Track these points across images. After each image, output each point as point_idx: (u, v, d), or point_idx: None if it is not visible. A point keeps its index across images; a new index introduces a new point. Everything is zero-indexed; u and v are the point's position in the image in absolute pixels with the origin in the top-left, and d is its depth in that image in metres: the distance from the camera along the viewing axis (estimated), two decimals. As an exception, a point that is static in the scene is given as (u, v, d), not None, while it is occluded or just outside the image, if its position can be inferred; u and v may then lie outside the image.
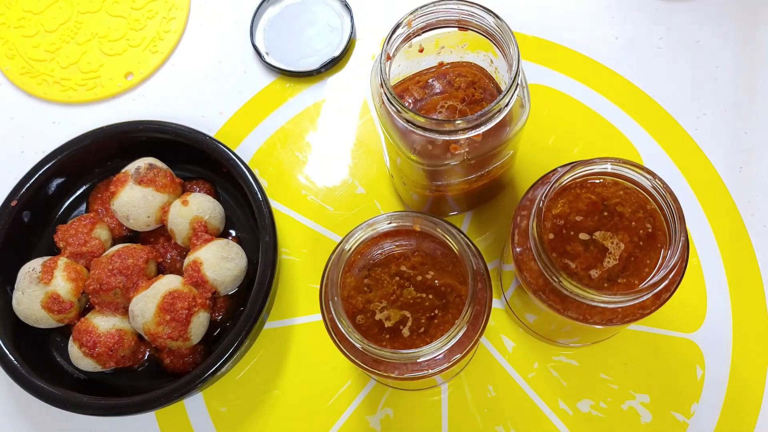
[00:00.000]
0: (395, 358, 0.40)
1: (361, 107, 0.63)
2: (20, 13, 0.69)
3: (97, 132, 0.58)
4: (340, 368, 0.55)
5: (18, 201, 0.56)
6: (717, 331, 0.54)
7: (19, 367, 0.51)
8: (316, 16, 0.66)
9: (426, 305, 0.44)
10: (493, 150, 0.46)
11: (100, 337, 0.51)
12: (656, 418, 0.52)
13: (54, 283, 0.52)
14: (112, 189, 0.55)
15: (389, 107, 0.44)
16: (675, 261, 0.40)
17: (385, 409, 0.53)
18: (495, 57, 0.49)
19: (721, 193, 0.58)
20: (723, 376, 0.53)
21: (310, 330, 0.56)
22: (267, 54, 0.65)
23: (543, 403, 0.53)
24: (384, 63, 0.45)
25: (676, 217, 0.41)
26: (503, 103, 0.42)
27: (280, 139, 0.63)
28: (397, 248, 0.45)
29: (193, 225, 0.54)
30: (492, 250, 0.58)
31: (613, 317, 0.42)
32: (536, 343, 0.54)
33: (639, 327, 0.54)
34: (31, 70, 0.67)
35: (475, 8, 0.45)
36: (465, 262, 0.42)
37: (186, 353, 0.53)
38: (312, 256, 0.58)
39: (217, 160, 0.56)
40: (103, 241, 0.55)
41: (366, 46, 0.66)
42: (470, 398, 0.53)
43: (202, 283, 0.52)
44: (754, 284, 0.55)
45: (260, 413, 0.54)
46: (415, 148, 0.46)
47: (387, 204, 0.60)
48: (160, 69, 0.67)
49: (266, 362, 0.55)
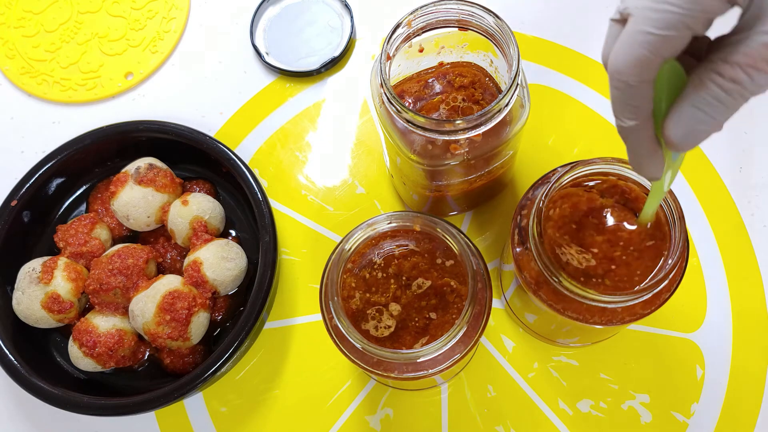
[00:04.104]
0: (395, 358, 0.40)
1: (361, 107, 0.63)
2: (20, 13, 0.69)
3: (97, 132, 0.58)
4: (340, 368, 0.55)
5: (18, 201, 0.56)
6: (717, 331, 0.54)
7: (19, 367, 0.51)
8: (316, 16, 0.66)
9: (426, 305, 0.44)
10: (493, 150, 0.46)
11: (100, 337, 0.51)
12: (656, 418, 0.52)
13: (54, 283, 0.52)
14: (112, 189, 0.55)
15: (389, 107, 0.44)
16: (675, 261, 0.40)
17: (385, 409, 0.53)
18: (495, 57, 0.49)
19: (721, 193, 0.58)
20: (723, 376, 0.53)
21: (310, 330, 0.56)
22: (267, 54, 0.65)
23: (543, 403, 0.53)
24: (384, 63, 0.45)
25: (676, 217, 0.41)
26: (503, 103, 0.42)
27: (280, 139, 0.63)
28: (397, 248, 0.45)
29: (193, 225, 0.54)
30: (492, 250, 0.58)
31: (613, 317, 0.42)
32: (536, 343, 0.54)
33: (639, 327, 0.54)
34: (31, 70, 0.67)
35: (475, 8, 0.45)
36: (465, 262, 0.42)
37: (186, 353, 0.53)
38: (312, 256, 0.58)
39: (217, 160, 0.56)
40: (103, 241, 0.55)
41: (366, 46, 0.66)
42: (470, 398, 0.53)
43: (202, 283, 0.52)
44: (754, 284, 0.55)
45: (260, 413, 0.54)
46: (415, 148, 0.46)
47: (387, 204, 0.60)
48: (160, 69, 0.67)
49: (266, 362, 0.55)
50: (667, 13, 0.27)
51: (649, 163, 0.33)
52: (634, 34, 0.28)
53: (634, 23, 0.28)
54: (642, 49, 0.28)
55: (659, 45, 0.27)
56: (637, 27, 0.28)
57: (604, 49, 0.31)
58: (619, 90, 0.30)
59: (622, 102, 0.30)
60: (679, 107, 0.29)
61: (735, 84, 0.27)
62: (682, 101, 0.29)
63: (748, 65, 0.27)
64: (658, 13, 0.27)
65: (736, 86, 0.27)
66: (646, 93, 0.30)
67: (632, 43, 0.28)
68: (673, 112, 0.30)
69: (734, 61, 0.27)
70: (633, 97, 0.30)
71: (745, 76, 0.27)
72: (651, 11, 0.27)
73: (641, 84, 0.29)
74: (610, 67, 0.30)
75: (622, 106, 0.31)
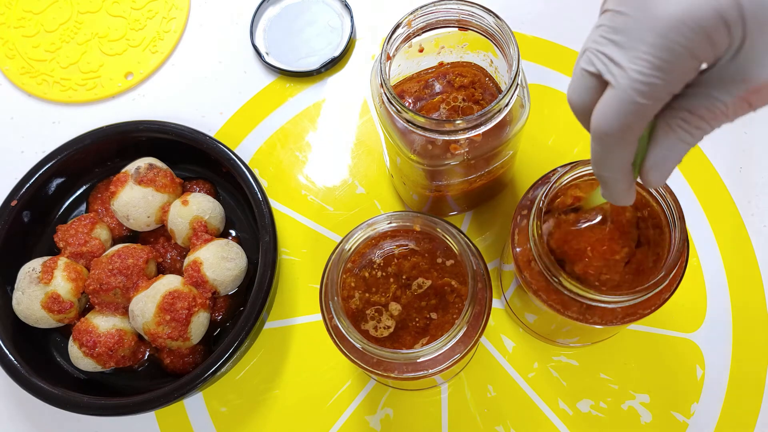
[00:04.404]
0: (395, 358, 0.40)
1: (361, 107, 0.63)
2: (20, 13, 0.69)
3: (97, 132, 0.58)
4: (340, 368, 0.55)
5: (18, 201, 0.55)
6: (717, 331, 0.54)
7: (19, 367, 0.51)
8: (316, 16, 0.66)
9: (426, 305, 0.44)
10: (493, 150, 0.46)
11: (100, 337, 0.51)
12: (656, 418, 0.52)
13: (54, 283, 0.52)
14: (112, 189, 0.55)
15: (389, 107, 0.44)
16: (675, 261, 0.40)
17: (385, 409, 0.53)
18: (495, 57, 0.49)
19: (721, 193, 0.58)
20: (723, 376, 0.53)
21: (310, 330, 0.56)
22: (267, 54, 0.65)
23: (543, 403, 0.53)
24: (384, 63, 0.45)
25: (676, 217, 0.41)
26: (503, 103, 0.42)
27: (280, 139, 0.63)
28: (397, 248, 0.45)
29: (193, 225, 0.54)
30: (492, 250, 0.58)
31: (613, 317, 0.42)
32: (536, 343, 0.54)
33: (639, 327, 0.54)
34: (31, 70, 0.67)
35: (475, 8, 0.45)
36: (465, 262, 0.42)
37: (186, 353, 0.53)
38: (312, 256, 0.58)
39: (217, 160, 0.56)
40: (103, 241, 0.55)
41: (366, 46, 0.66)
42: (470, 398, 0.53)
43: (202, 283, 0.52)
44: (754, 284, 0.55)
45: (260, 413, 0.54)
46: (415, 148, 0.46)
47: (387, 204, 0.60)
48: (160, 69, 0.67)
49: (266, 362, 0.55)
50: (655, 86, 0.29)
51: (626, 197, 0.35)
52: (624, 103, 0.29)
53: (622, 92, 0.29)
54: (632, 116, 0.30)
55: (646, 110, 0.29)
56: (626, 96, 0.29)
57: (571, 94, 0.33)
58: (604, 148, 0.32)
59: (605, 158, 0.32)
60: (655, 156, 0.32)
61: (699, 131, 0.31)
62: (657, 149, 0.32)
63: (711, 118, 0.30)
64: (647, 86, 0.29)
65: (699, 132, 0.31)
66: (630, 151, 0.32)
67: (621, 110, 0.30)
68: (651, 161, 0.32)
69: (699, 114, 0.30)
70: (617, 156, 0.32)
71: (708, 125, 0.30)
72: (639, 84, 0.29)
73: (627, 144, 0.31)
74: (596, 130, 0.31)
75: (604, 162, 0.33)
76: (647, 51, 0.28)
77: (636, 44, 0.29)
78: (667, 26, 0.28)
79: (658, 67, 0.28)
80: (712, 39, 0.27)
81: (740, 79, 0.28)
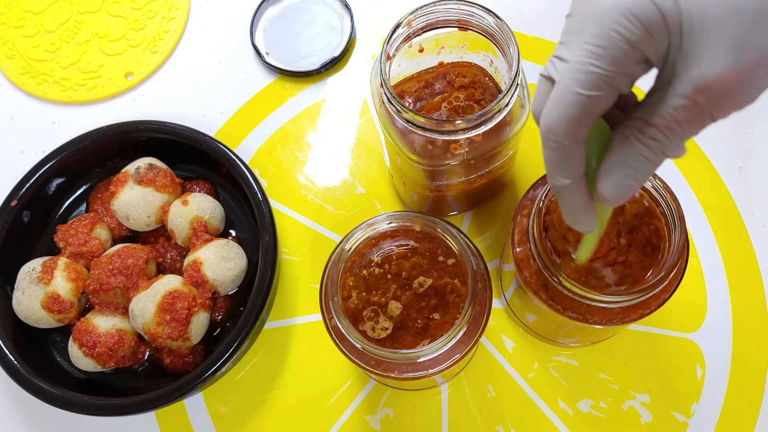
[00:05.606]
0: (395, 358, 0.40)
1: (361, 107, 0.63)
2: (20, 13, 0.69)
3: (97, 132, 0.58)
4: (340, 368, 0.55)
5: (18, 201, 0.56)
6: (717, 331, 0.54)
7: (19, 367, 0.51)
8: (316, 16, 0.66)
9: (426, 305, 0.44)
10: (493, 150, 0.46)
11: (100, 337, 0.51)
12: (656, 418, 0.52)
13: (54, 283, 0.52)
14: (112, 189, 0.55)
15: (389, 107, 0.44)
16: (675, 261, 0.40)
17: (385, 409, 0.53)
18: (495, 57, 0.49)
19: (721, 193, 0.58)
20: (723, 376, 0.53)
21: (310, 330, 0.56)
22: (267, 54, 0.65)
23: (543, 403, 0.53)
24: (384, 63, 0.45)
25: (676, 217, 0.41)
26: (503, 103, 0.42)
27: (280, 139, 0.63)
28: (397, 248, 0.45)
29: (193, 225, 0.54)
30: (492, 250, 0.58)
31: (613, 317, 0.42)
32: (536, 343, 0.54)
33: (639, 327, 0.54)
34: (31, 70, 0.67)
35: (475, 8, 0.45)
36: (465, 262, 0.42)
37: (186, 353, 0.53)
38: (312, 256, 0.58)
39: (217, 160, 0.56)
40: (103, 241, 0.55)
41: (366, 46, 0.66)
42: (470, 398, 0.53)
43: (202, 283, 0.52)
44: (754, 284, 0.55)
45: (260, 413, 0.54)
46: (415, 148, 0.46)
47: (387, 204, 0.60)
48: (160, 69, 0.67)
49: (266, 362, 0.55)
50: (593, 74, 0.28)
51: (585, 218, 0.34)
52: (564, 95, 0.29)
53: (562, 84, 0.29)
54: (573, 108, 0.29)
55: (588, 104, 0.29)
56: (566, 88, 0.29)
57: (534, 105, 0.33)
58: (553, 150, 0.31)
59: (556, 162, 0.31)
60: (608, 164, 0.31)
61: (655, 142, 0.29)
62: (610, 157, 0.31)
63: (664, 127, 0.29)
64: (584, 74, 0.28)
65: (656, 144, 0.29)
66: (580, 152, 0.31)
67: (563, 104, 0.29)
68: (603, 169, 0.31)
69: (652, 122, 0.29)
70: (567, 157, 0.31)
71: (663, 136, 0.29)
72: (578, 73, 0.28)
73: (575, 144, 0.30)
74: (542, 127, 0.31)
75: (557, 166, 0.32)
76: (586, 41, 0.28)
77: (579, 38, 0.29)
78: (602, 13, 0.28)
79: (596, 54, 0.28)
80: (649, 30, 0.27)
81: (685, 78, 0.28)
